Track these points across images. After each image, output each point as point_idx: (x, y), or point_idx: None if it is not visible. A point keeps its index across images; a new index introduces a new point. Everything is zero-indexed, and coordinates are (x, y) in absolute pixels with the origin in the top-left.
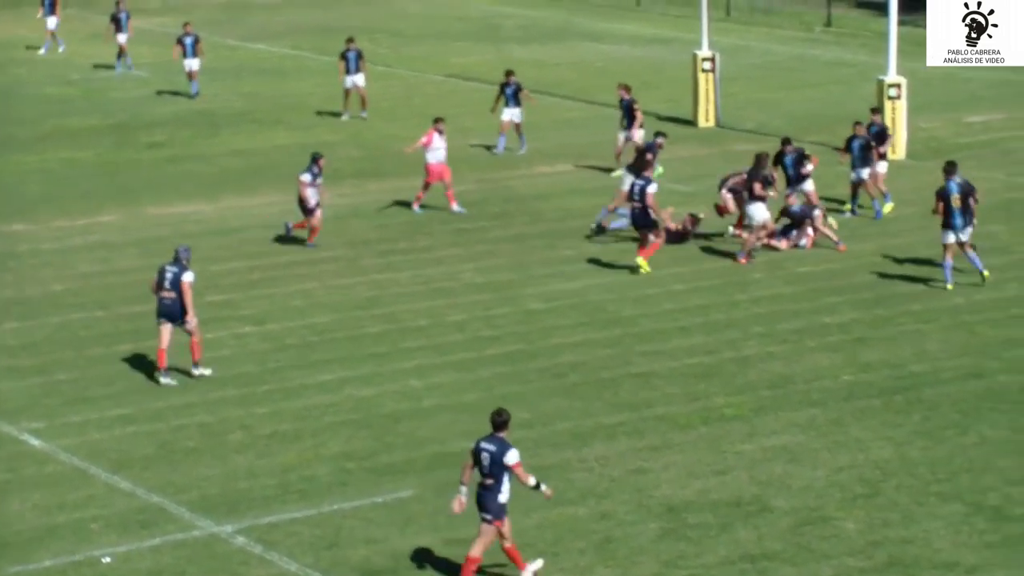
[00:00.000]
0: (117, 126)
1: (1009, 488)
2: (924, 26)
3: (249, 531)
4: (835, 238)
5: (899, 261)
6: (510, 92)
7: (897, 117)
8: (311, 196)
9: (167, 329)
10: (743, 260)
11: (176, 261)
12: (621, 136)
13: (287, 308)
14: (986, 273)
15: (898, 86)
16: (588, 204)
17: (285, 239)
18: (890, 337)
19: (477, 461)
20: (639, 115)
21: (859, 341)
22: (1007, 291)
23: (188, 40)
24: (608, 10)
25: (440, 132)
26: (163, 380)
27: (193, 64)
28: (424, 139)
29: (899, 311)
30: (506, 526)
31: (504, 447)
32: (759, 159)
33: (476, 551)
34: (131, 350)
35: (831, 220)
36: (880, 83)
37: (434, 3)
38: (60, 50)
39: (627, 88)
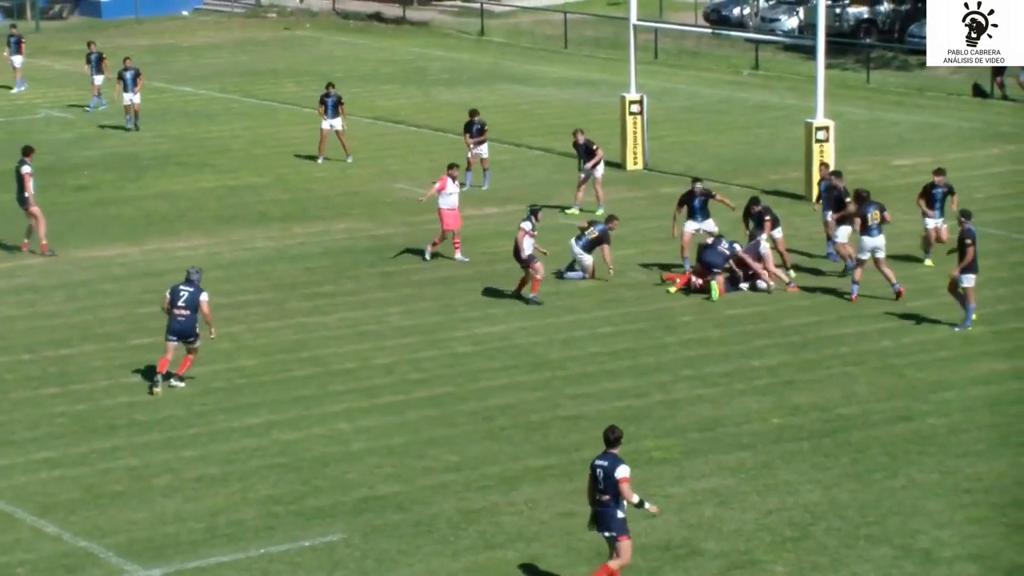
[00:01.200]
0: (42, 169)
1: (938, 531)
2: (852, 69)
3: (176, 575)
4: (786, 279)
5: (827, 304)
6: (476, 130)
7: (825, 160)
8: (527, 246)
9: (173, 346)
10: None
11: (189, 282)
12: (582, 176)
13: (213, 351)
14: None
15: (826, 129)
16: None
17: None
18: (819, 380)
19: (593, 478)
20: (599, 152)
21: (788, 384)
22: (935, 333)
23: (128, 75)
24: (535, 53)
25: (453, 178)
26: (159, 387)
27: (134, 98)
28: (438, 185)
29: (827, 354)
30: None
31: (615, 462)
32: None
33: (614, 565)
34: (56, 393)
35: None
36: (808, 126)
37: (360, 46)
38: (18, 89)
39: (580, 131)
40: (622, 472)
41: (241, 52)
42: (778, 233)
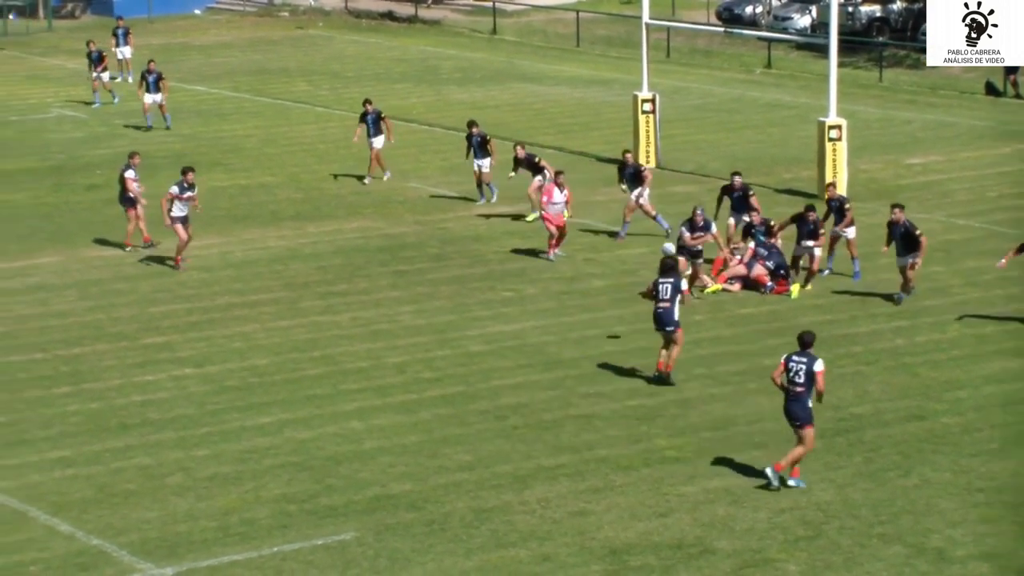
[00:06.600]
0: (54, 168)
1: (951, 530)
2: (864, 68)
3: (189, 574)
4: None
5: (839, 303)
6: (476, 143)
7: (838, 159)
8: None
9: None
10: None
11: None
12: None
13: (226, 350)
14: None
15: (839, 128)
16: (526, 245)
17: None
18: (831, 379)
19: None
20: (544, 164)
21: None
22: (948, 332)
23: (151, 78)
24: (547, 52)
25: (560, 186)
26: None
27: (156, 98)
28: (545, 198)
29: (840, 353)
30: None
31: None
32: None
33: None
34: (69, 392)
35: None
36: (821, 124)
37: (372, 45)
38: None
39: (521, 145)
40: None
41: (253, 51)
42: (851, 232)
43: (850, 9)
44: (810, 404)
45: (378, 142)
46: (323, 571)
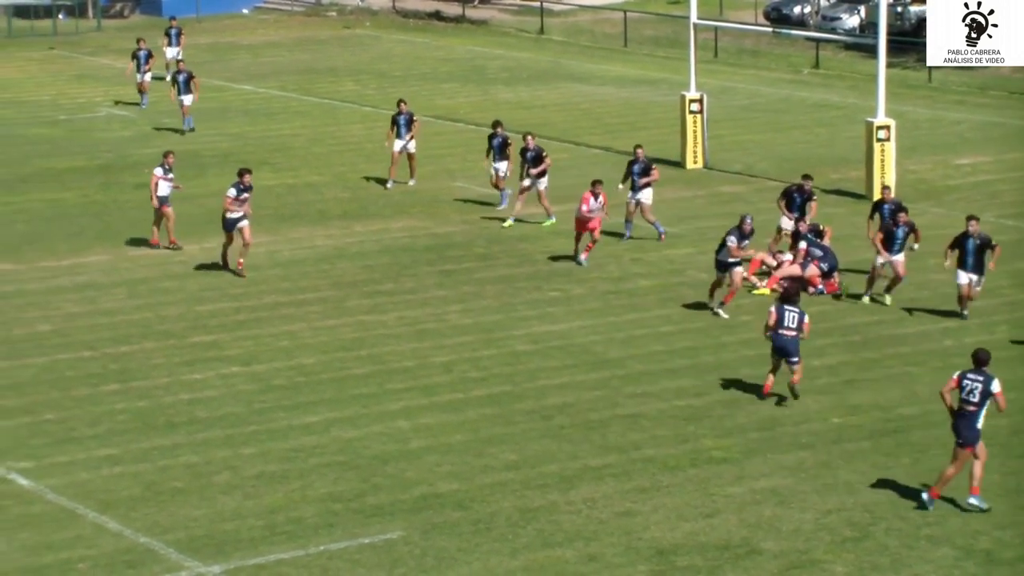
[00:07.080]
0: (103, 167)
1: (999, 532)
2: (912, 68)
3: (236, 572)
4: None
5: (886, 303)
6: (497, 145)
7: (886, 160)
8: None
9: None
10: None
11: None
12: (525, 183)
13: (273, 349)
14: None
15: (887, 128)
16: (572, 246)
17: None
18: (879, 379)
19: None
20: (548, 160)
21: (848, 384)
22: (996, 333)
23: (181, 77)
24: (595, 51)
25: (595, 196)
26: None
27: (186, 99)
28: (585, 207)
29: (888, 353)
30: None
31: None
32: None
33: None
34: (117, 390)
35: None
36: (869, 125)
37: (419, 44)
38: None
39: (532, 135)
40: None
41: (301, 50)
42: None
43: (899, 9)
44: (979, 425)
45: (410, 145)
46: (370, 570)
